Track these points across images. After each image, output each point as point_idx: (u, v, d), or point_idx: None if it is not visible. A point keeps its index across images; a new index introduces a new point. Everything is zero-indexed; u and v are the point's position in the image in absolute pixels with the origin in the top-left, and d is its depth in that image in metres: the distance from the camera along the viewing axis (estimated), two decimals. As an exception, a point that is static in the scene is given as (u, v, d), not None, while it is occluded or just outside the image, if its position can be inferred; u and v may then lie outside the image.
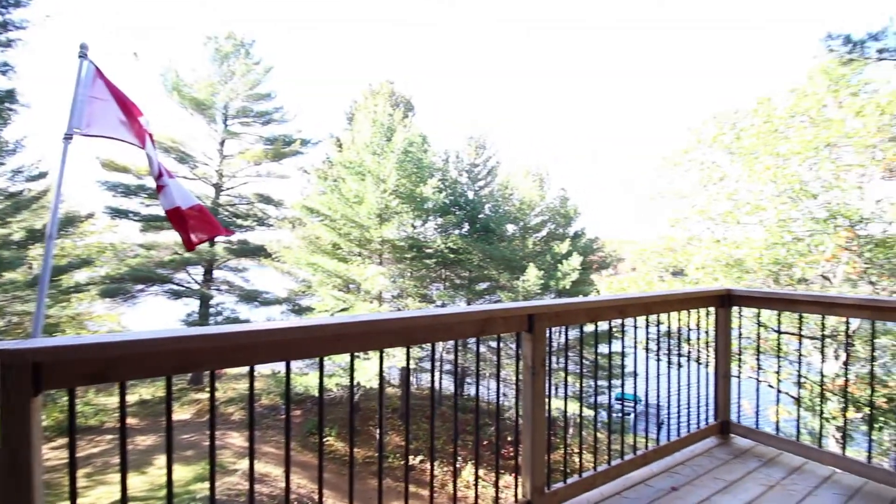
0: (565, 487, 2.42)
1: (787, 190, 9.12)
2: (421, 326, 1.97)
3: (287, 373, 1.69)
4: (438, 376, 21.66)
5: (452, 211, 20.24)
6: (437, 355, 19.45)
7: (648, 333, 2.91)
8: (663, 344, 3.62)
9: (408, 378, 1.91)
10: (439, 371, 21.09)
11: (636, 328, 3.33)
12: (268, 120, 21.53)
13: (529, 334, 2.28)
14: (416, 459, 15.40)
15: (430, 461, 2.38)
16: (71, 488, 1.26)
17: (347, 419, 15.26)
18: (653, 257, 11.65)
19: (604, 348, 16.83)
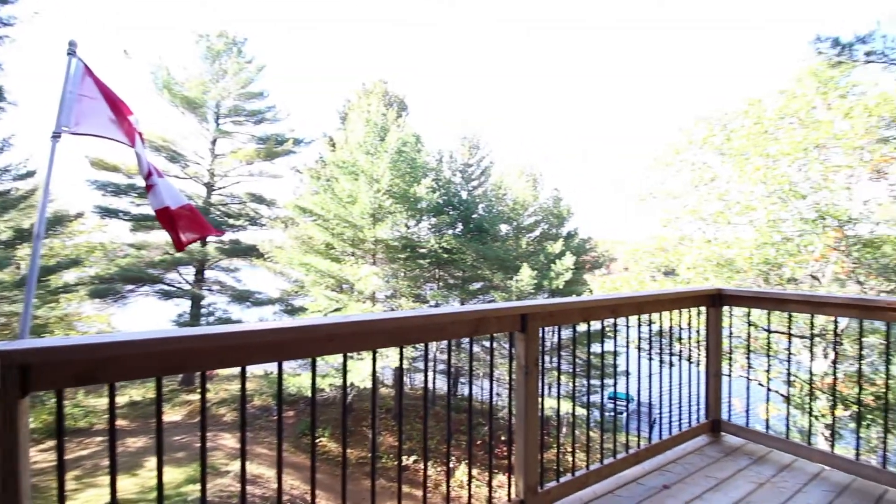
0: (558, 486, 2.43)
1: (777, 190, 9.23)
2: (414, 326, 1.96)
3: (279, 373, 1.68)
4: (432, 376, 21.62)
5: (446, 211, 20.24)
6: (431, 355, 19.41)
7: (641, 333, 2.93)
8: (655, 343, 3.65)
9: (401, 378, 1.91)
10: (433, 371, 21.04)
11: (628, 328, 3.36)
12: (260, 119, 21.38)
13: (523, 334, 2.29)
14: (410, 460, 15.38)
15: (424, 461, 2.38)
16: (59, 491, 1.25)
17: (340, 420, 15.05)
18: (645, 257, 11.73)
19: (596, 347, 16.90)
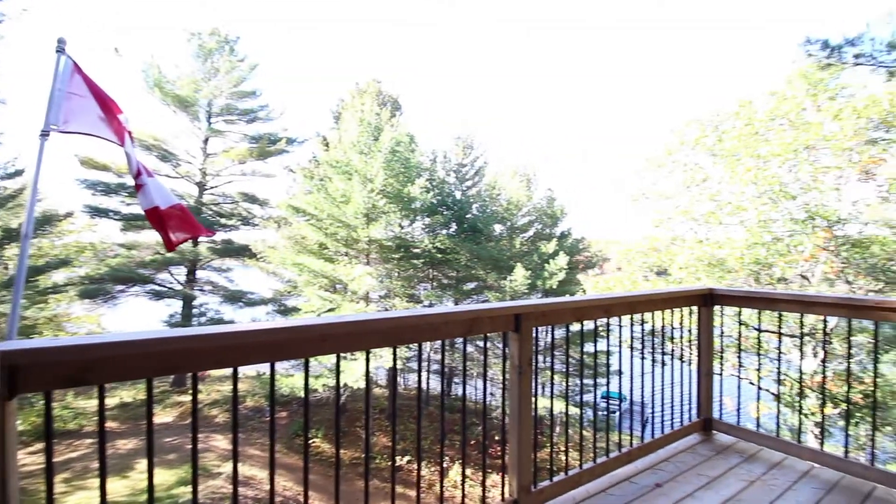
0: (552, 485, 2.44)
1: (768, 191, 9.32)
2: (408, 326, 1.96)
3: (272, 374, 1.67)
4: (426, 376, 21.63)
5: (440, 211, 20.23)
6: (425, 355, 19.42)
7: (633, 332, 2.94)
8: (647, 343, 3.67)
9: (395, 378, 1.91)
10: (426, 371, 21.06)
11: (621, 327, 3.37)
12: (253, 118, 21.22)
13: (516, 334, 2.29)
14: (404, 460, 15.36)
15: (418, 461, 2.38)
16: (48, 494, 1.23)
17: (334, 420, 15.03)
18: (637, 257, 11.81)
19: (590, 347, 17.02)
